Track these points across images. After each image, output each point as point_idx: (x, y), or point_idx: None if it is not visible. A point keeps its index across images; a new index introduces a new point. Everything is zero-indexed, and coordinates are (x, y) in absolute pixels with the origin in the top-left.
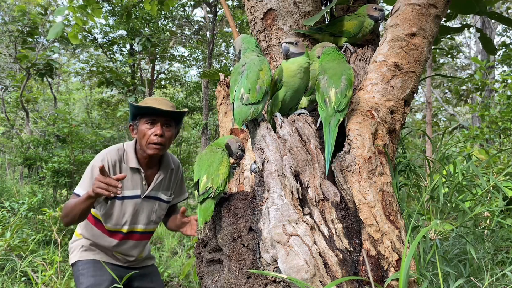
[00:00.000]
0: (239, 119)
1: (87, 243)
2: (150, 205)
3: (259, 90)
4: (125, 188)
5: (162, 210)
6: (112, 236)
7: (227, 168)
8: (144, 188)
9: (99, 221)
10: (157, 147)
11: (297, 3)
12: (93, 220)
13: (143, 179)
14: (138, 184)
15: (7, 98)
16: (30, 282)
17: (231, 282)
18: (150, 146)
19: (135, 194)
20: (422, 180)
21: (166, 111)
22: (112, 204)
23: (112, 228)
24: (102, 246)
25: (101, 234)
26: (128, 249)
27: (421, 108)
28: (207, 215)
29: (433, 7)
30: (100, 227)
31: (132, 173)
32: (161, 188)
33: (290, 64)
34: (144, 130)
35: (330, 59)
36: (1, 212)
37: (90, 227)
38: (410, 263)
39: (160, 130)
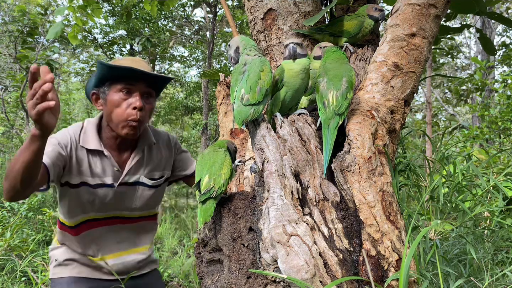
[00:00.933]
0: (239, 119)
1: (62, 254)
2: (131, 191)
3: (260, 91)
4: (85, 175)
5: (149, 195)
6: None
7: (229, 169)
8: (116, 174)
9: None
10: (135, 124)
11: (297, 3)
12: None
13: (113, 164)
14: (106, 171)
15: (7, 98)
16: (30, 282)
17: (231, 282)
18: (127, 124)
19: (105, 183)
20: (422, 180)
21: (149, 74)
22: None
23: (74, 221)
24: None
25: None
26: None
27: (421, 108)
28: (208, 216)
29: (433, 7)
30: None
31: (93, 158)
32: (143, 171)
33: (294, 65)
34: (118, 101)
35: (333, 59)
36: (1, 212)
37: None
38: (410, 263)
39: (140, 101)
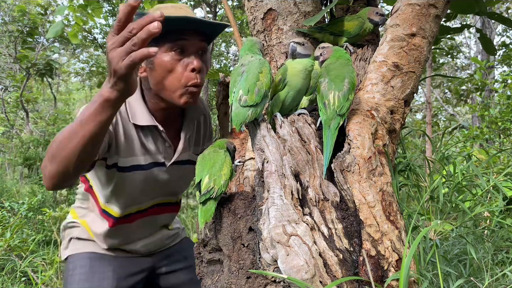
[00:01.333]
0: (237, 121)
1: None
2: (180, 172)
3: (258, 92)
4: (136, 155)
5: (193, 175)
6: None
7: (229, 169)
8: (167, 151)
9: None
10: (195, 90)
11: (297, 3)
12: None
13: (166, 139)
14: (159, 147)
15: (7, 98)
16: (30, 282)
17: (231, 282)
18: (187, 91)
19: (158, 161)
20: (422, 180)
21: (207, 22)
22: (121, 179)
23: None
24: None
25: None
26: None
27: (421, 108)
28: (208, 216)
29: (433, 7)
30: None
31: (144, 135)
32: (191, 147)
33: (296, 64)
34: (171, 63)
35: (335, 58)
36: (1, 212)
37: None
38: (410, 263)
39: (198, 60)
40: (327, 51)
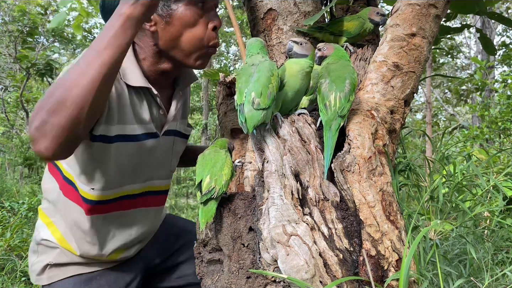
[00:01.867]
0: (251, 123)
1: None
2: (169, 144)
3: (270, 95)
4: (128, 122)
5: (181, 151)
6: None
7: (230, 169)
8: (160, 118)
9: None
10: (213, 52)
11: (297, 3)
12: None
13: (160, 105)
14: (152, 114)
15: (7, 98)
16: (30, 282)
17: (231, 282)
18: (206, 52)
19: (147, 132)
20: (422, 180)
21: None
22: (102, 150)
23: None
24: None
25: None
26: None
27: (421, 108)
28: (209, 216)
29: (433, 7)
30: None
31: (137, 99)
32: (179, 116)
33: (293, 64)
34: (194, 18)
35: (337, 58)
36: (1, 212)
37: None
38: (410, 263)
39: (219, 19)
40: (328, 48)
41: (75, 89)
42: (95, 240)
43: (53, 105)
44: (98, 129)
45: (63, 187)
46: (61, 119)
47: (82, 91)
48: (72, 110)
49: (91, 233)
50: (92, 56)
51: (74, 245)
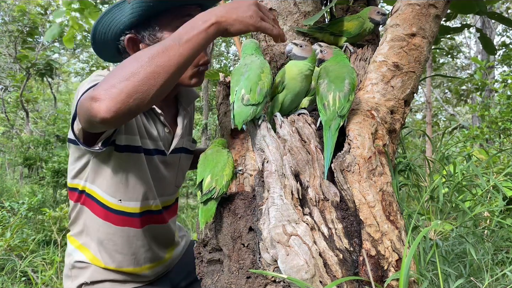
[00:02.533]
0: (239, 119)
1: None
2: (176, 161)
3: (260, 91)
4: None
5: (187, 166)
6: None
7: (231, 170)
8: (166, 137)
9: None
10: (205, 69)
11: (297, 3)
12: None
13: (165, 124)
14: (159, 133)
15: (7, 98)
16: (30, 282)
17: (231, 282)
18: (197, 71)
19: (157, 148)
20: (422, 180)
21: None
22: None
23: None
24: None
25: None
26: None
27: (421, 108)
28: (209, 216)
29: (433, 7)
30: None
31: (145, 118)
32: (186, 133)
33: (292, 66)
34: None
35: (335, 62)
36: (1, 212)
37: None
38: (410, 263)
39: None
40: (328, 52)
41: (150, 66)
42: (126, 250)
43: (126, 74)
44: (119, 139)
45: (90, 206)
46: (130, 87)
47: (156, 69)
48: (142, 82)
49: (122, 244)
50: (172, 44)
51: (107, 260)
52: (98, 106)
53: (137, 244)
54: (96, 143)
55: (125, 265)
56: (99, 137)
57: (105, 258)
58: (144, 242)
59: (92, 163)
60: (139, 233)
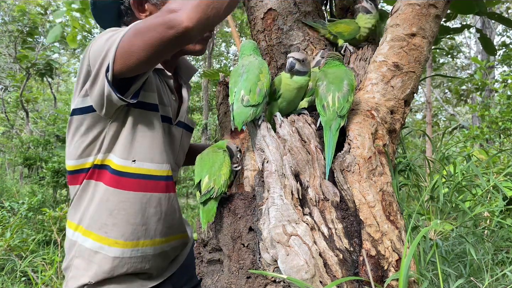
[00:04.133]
0: (239, 120)
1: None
2: (178, 135)
3: (259, 92)
4: (157, 99)
5: (187, 144)
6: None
7: (228, 169)
8: (173, 106)
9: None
10: (210, 36)
11: (297, 3)
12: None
13: (172, 91)
14: (169, 99)
15: (7, 98)
16: (30, 282)
17: (231, 282)
18: (203, 37)
19: (165, 115)
20: (422, 180)
21: None
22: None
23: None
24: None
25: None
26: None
27: (421, 108)
28: (210, 216)
29: (433, 7)
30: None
31: (155, 77)
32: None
33: (291, 82)
34: None
35: (331, 66)
36: (1, 212)
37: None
38: (410, 263)
39: None
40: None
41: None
42: (138, 219)
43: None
44: (142, 95)
45: (100, 177)
46: (214, 3)
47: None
48: (223, 1)
49: (134, 212)
50: None
51: (116, 234)
52: (179, 16)
53: (149, 212)
54: (126, 96)
55: (136, 238)
56: (126, 91)
57: (114, 232)
58: (157, 210)
59: (109, 129)
60: (152, 198)
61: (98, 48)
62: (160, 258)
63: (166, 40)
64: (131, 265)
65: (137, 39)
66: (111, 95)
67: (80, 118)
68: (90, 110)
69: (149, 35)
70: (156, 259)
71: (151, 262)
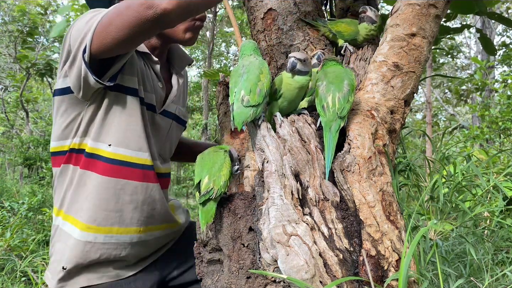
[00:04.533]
0: (239, 120)
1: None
2: (166, 126)
3: (260, 92)
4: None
5: (177, 138)
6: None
7: (228, 170)
8: (159, 93)
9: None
10: (201, 25)
11: (297, 3)
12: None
13: (159, 77)
14: (154, 85)
15: (7, 98)
16: (30, 282)
17: (231, 282)
18: (193, 25)
19: (151, 103)
20: (422, 180)
21: None
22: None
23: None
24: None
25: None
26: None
27: (421, 108)
28: (209, 217)
29: (433, 7)
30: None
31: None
32: (181, 101)
33: (292, 81)
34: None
35: (329, 65)
36: (1, 212)
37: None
38: (410, 263)
39: None
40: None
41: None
42: (111, 205)
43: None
44: (121, 78)
45: (77, 161)
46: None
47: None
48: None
49: (108, 198)
50: None
51: (89, 218)
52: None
53: (123, 199)
54: (103, 79)
55: (109, 223)
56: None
57: (87, 217)
58: (133, 198)
59: (85, 112)
60: (127, 186)
61: (78, 29)
62: (138, 246)
63: (143, 20)
64: (104, 251)
65: (115, 19)
66: (87, 76)
67: (60, 99)
68: (69, 91)
69: (127, 14)
70: (133, 247)
71: (128, 250)
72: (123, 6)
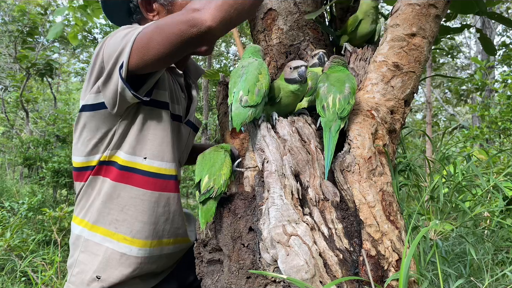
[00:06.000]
0: (238, 121)
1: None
2: (186, 134)
3: (258, 93)
4: (167, 96)
5: (191, 144)
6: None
7: (229, 169)
8: (183, 104)
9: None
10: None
11: (297, 3)
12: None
13: (182, 89)
14: (179, 97)
15: (7, 98)
16: (30, 282)
17: (231, 282)
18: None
19: (179, 114)
20: (422, 180)
21: None
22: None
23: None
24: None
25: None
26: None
27: (421, 108)
28: (209, 216)
29: (433, 7)
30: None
31: (172, 80)
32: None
33: (291, 90)
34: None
35: (335, 70)
36: (1, 212)
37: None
38: (410, 263)
39: None
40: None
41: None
42: (146, 217)
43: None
44: (154, 92)
45: (109, 174)
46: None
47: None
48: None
49: (143, 210)
50: None
51: (125, 230)
52: (203, 15)
53: (158, 211)
54: (140, 94)
55: (143, 237)
56: (139, 89)
57: (123, 228)
58: (165, 210)
59: (118, 127)
60: (161, 197)
61: (113, 45)
62: (166, 259)
63: (186, 38)
64: (137, 266)
65: (156, 35)
66: (124, 92)
67: (91, 114)
68: (102, 107)
69: (169, 31)
70: (162, 260)
71: (157, 263)
72: (164, 23)
